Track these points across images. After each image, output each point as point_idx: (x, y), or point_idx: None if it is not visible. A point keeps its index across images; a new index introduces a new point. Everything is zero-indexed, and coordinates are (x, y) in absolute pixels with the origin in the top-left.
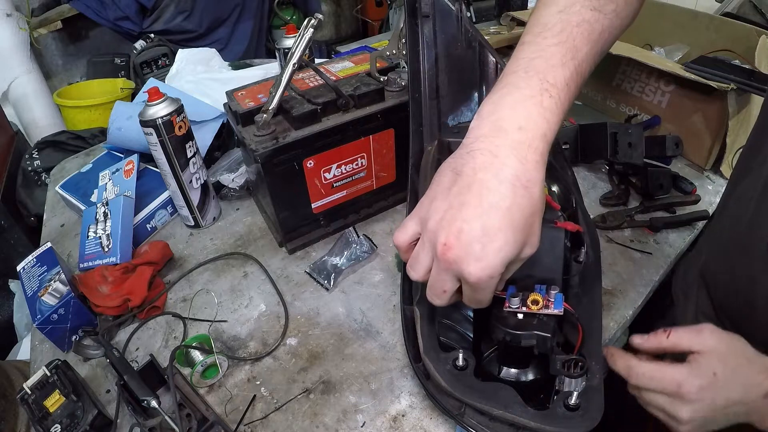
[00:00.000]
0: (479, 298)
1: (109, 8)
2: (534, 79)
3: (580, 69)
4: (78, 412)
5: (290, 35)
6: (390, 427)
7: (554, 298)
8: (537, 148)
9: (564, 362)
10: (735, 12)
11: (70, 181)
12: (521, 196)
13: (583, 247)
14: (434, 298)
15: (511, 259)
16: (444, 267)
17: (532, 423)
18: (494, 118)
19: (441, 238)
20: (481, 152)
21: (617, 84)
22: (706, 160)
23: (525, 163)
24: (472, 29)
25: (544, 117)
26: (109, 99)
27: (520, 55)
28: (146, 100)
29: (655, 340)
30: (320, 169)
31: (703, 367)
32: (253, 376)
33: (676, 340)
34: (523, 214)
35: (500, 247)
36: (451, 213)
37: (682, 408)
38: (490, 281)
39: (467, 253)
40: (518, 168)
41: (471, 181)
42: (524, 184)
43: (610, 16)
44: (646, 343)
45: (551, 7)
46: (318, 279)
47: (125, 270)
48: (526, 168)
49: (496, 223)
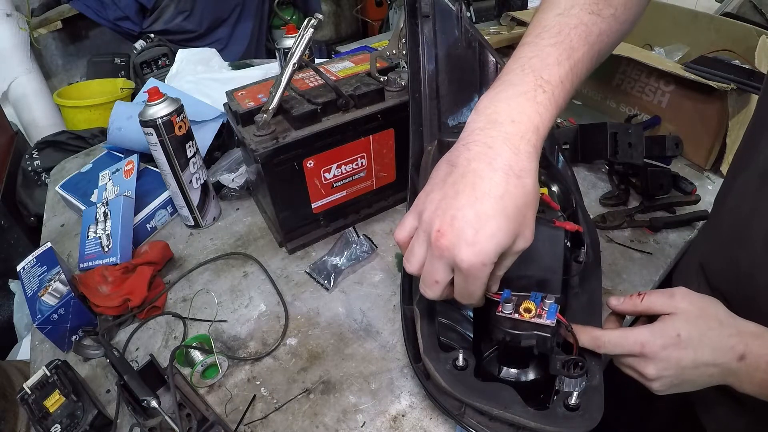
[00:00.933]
0: (471, 290)
1: (109, 8)
2: (529, 76)
3: (576, 68)
4: (78, 412)
5: (290, 35)
6: (390, 427)
7: (548, 307)
8: (529, 140)
9: (564, 362)
10: (735, 12)
11: (70, 181)
12: (514, 185)
13: (583, 247)
14: (426, 290)
15: (504, 248)
16: (437, 254)
17: (532, 423)
18: (489, 112)
19: (435, 225)
20: (475, 144)
21: (617, 84)
22: (706, 160)
23: (518, 154)
24: (472, 29)
25: (537, 111)
26: (109, 99)
27: (519, 54)
28: (146, 100)
29: (630, 302)
30: (320, 169)
31: (667, 327)
32: (253, 376)
33: (649, 303)
34: (516, 203)
35: (493, 233)
36: (446, 202)
37: (647, 365)
38: (482, 269)
39: (460, 238)
40: (511, 158)
41: (465, 171)
42: (517, 174)
43: (609, 20)
44: (621, 305)
45: (551, 10)
46: (318, 279)
47: (125, 270)
48: (518, 158)
49: (489, 210)
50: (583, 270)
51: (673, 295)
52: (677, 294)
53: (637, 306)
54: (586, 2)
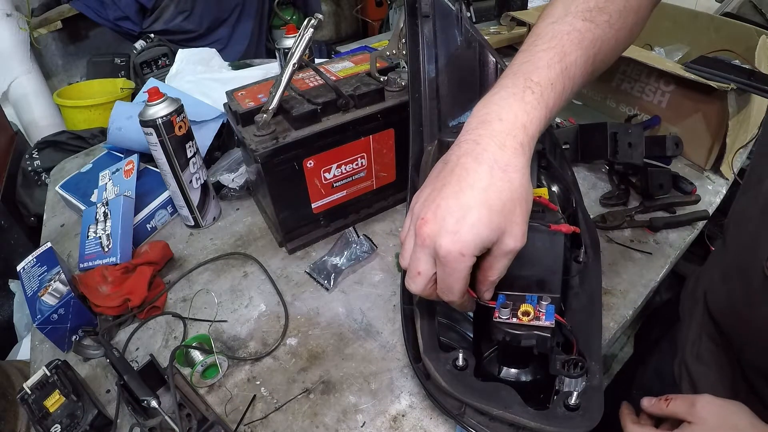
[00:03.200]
0: (449, 283)
1: (109, 8)
2: (520, 79)
3: (569, 71)
4: (78, 412)
5: (290, 35)
6: (390, 427)
7: (545, 309)
8: (516, 137)
9: (564, 362)
10: (735, 12)
11: (70, 181)
12: (499, 178)
13: (583, 247)
14: (410, 283)
15: (486, 241)
16: (419, 243)
17: (532, 423)
18: (481, 114)
19: (420, 215)
20: (466, 142)
21: (617, 84)
22: (706, 160)
23: (503, 149)
24: (472, 29)
25: (525, 110)
26: (109, 99)
27: (514, 61)
28: (146, 100)
29: (658, 406)
30: (320, 169)
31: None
32: (253, 376)
33: (674, 408)
34: (501, 197)
35: (473, 224)
36: (433, 194)
37: None
38: (461, 259)
39: (441, 226)
40: (497, 153)
41: (454, 166)
42: (502, 168)
43: (603, 27)
44: (651, 407)
45: (546, 20)
46: (318, 279)
47: (125, 270)
48: (504, 153)
49: (471, 200)
50: (583, 270)
51: (694, 403)
52: (699, 402)
53: (663, 410)
54: (579, 10)
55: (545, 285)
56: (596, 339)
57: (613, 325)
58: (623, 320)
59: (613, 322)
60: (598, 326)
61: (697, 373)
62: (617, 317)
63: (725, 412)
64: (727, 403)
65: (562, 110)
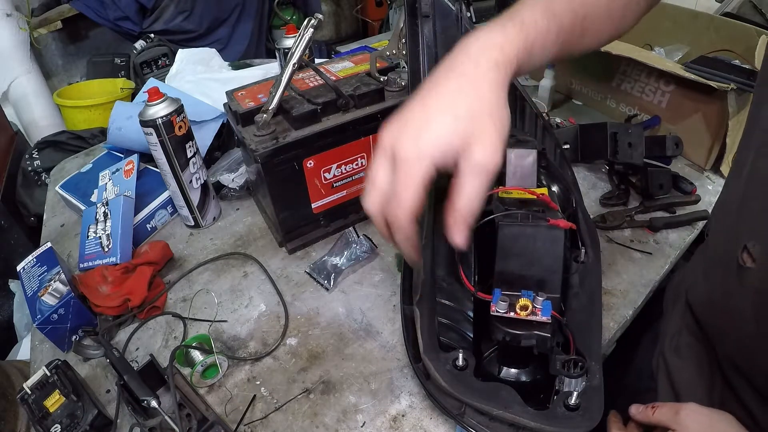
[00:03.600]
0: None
1: (109, 8)
2: (505, 17)
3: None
4: (78, 412)
5: (290, 35)
6: (390, 427)
7: (542, 305)
8: (491, 56)
9: (564, 362)
10: (735, 12)
11: (70, 181)
12: (468, 88)
13: (583, 246)
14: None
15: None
16: (380, 150)
17: (532, 423)
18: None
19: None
20: (442, 64)
21: (617, 84)
22: (706, 160)
23: (478, 66)
24: (472, 29)
25: (503, 33)
26: (109, 99)
27: None
28: (146, 100)
29: (644, 414)
30: (320, 169)
31: None
32: (253, 376)
33: (660, 417)
34: (469, 106)
35: (436, 128)
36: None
37: None
38: (417, 162)
39: (402, 131)
40: (468, 66)
41: (426, 82)
42: (471, 80)
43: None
44: (638, 415)
45: None
46: (318, 279)
47: (125, 270)
48: (477, 69)
49: (437, 108)
50: (583, 270)
51: (679, 411)
52: (683, 411)
53: (649, 417)
54: None
55: (545, 285)
56: (596, 339)
57: (613, 325)
58: (623, 320)
59: (613, 322)
60: (598, 326)
61: (674, 366)
62: (617, 317)
63: (710, 421)
64: (713, 412)
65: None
